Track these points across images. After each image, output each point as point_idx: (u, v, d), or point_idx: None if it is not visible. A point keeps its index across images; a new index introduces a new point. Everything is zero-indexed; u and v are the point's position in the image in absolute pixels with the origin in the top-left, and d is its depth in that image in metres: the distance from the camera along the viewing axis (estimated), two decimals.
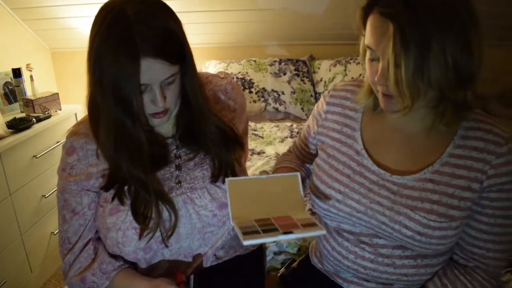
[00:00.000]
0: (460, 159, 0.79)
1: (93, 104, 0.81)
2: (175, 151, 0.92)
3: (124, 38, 0.71)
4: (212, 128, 0.89)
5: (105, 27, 0.73)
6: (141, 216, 0.83)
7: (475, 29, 0.70)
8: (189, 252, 0.91)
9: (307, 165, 1.08)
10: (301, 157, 1.09)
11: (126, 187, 0.85)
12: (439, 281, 0.84)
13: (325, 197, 0.88)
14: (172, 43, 0.75)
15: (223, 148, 0.90)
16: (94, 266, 0.87)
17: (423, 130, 0.83)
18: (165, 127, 0.92)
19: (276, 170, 1.05)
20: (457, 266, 0.85)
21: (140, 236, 0.84)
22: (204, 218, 0.88)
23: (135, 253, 0.87)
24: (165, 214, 0.85)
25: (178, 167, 0.91)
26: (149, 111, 0.80)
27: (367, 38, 0.75)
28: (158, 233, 0.85)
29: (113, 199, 0.86)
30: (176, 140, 0.93)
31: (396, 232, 0.80)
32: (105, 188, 0.86)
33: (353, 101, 0.93)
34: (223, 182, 0.90)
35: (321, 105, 0.99)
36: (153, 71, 0.74)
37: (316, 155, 0.99)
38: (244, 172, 0.98)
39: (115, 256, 0.90)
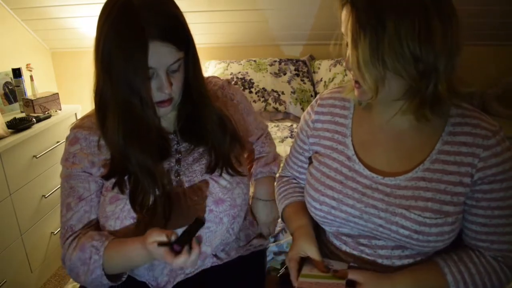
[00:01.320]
0: (449, 155, 0.80)
1: (101, 94, 0.82)
2: (176, 146, 0.94)
3: (131, 25, 0.75)
4: (213, 118, 0.91)
5: (112, 18, 0.76)
6: (139, 205, 0.84)
7: (439, 18, 0.69)
8: None
9: None
10: (299, 174, 1.06)
11: (126, 177, 0.86)
12: (446, 254, 0.82)
13: (319, 204, 0.88)
14: (177, 28, 0.79)
15: (221, 140, 0.92)
16: (90, 233, 0.86)
17: (409, 127, 0.83)
18: (168, 120, 0.93)
19: (287, 208, 1.01)
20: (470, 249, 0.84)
21: (138, 224, 0.84)
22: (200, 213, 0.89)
23: None
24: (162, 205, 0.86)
25: (178, 161, 0.92)
26: (155, 99, 0.82)
27: (341, 26, 0.78)
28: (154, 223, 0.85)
29: (113, 187, 0.86)
30: (177, 135, 0.94)
31: (394, 233, 0.80)
32: (106, 177, 0.87)
33: (342, 108, 0.94)
34: (220, 174, 0.92)
35: (308, 116, 0.99)
36: (160, 54, 0.77)
37: None
38: (243, 168, 0.98)
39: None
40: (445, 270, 0.79)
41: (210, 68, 2.67)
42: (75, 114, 2.34)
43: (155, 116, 0.83)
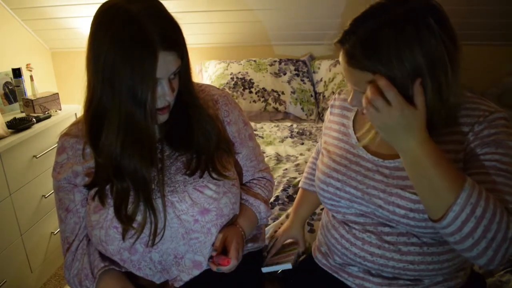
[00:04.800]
0: (447, 136, 0.81)
1: (98, 104, 0.80)
2: (159, 155, 0.92)
3: (138, 37, 0.73)
4: (202, 120, 0.90)
5: (115, 30, 0.74)
6: (125, 216, 0.83)
7: (452, 69, 0.72)
8: (178, 254, 0.90)
9: None
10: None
11: (108, 186, 0.86)
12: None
13: (326, 186, 0.94)
14: (177, 35, 0.79)
15: (207, 143, 0.91)
16: (86, 265, 0.88)
17: None
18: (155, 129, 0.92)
19: (301, 189, 1.23)
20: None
21: (123, 236, 0.84)
22: (185, 223, 0.88)
23: (119, 253, 0.86)
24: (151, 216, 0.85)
25: (160, 170, 0.90)
26: (157, 106, 0.81)
27: (343, 71, 0.80)
28: (142, 235, 0.85)
29: (94, 198, 0.87)
30: (161, 144, 0.93)
31: (392, 214, 0.83)
32: (89, 186, 0.88)
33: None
34: (200, 176, 0.90)
35: (328, 109, 1.10)
36: (167, 63, 0.77)
37: None
38: (230, 171, 0.97)
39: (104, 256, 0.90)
40: (467, 177, 0.71)
41: (210, 68, 2.67)
42: (75, 114, 2.34)
43: (155, 124, 0.83)
